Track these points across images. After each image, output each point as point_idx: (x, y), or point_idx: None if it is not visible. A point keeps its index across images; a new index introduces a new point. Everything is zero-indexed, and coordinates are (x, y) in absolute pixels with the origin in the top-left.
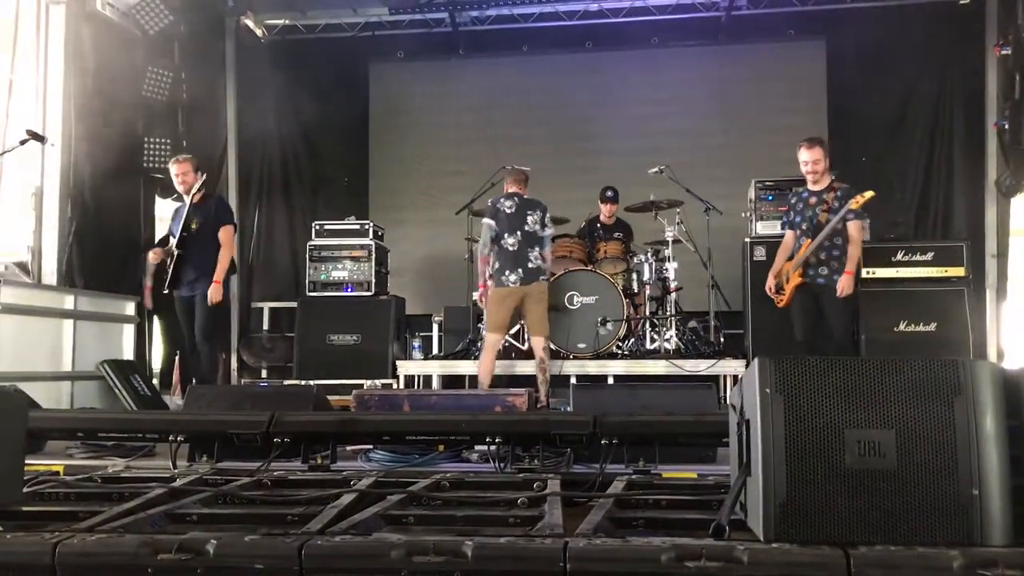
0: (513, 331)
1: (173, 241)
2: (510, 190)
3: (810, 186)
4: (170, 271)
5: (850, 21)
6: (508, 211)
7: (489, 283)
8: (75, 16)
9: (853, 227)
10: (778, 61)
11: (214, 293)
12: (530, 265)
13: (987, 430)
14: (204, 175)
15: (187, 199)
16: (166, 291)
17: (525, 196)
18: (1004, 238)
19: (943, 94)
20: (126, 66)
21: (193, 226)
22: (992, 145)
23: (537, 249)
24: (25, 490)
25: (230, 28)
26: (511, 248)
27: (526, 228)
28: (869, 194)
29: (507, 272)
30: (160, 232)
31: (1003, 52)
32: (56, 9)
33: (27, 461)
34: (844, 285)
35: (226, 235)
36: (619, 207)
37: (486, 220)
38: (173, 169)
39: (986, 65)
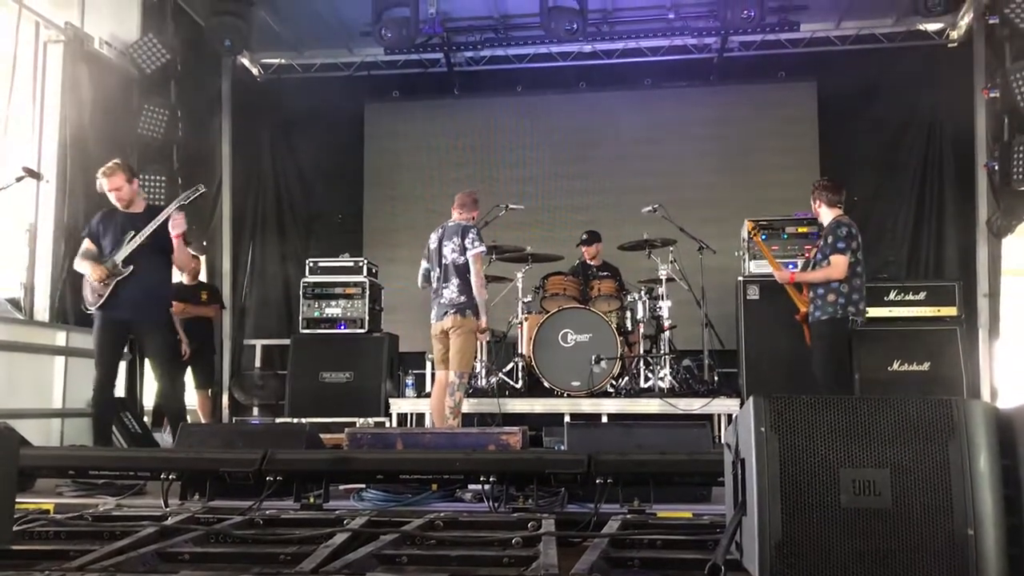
0: (507, 368)
1: (116, 256)
2: (453, 215)
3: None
4: (107, 289)
5: (841, 63)
6: (432, 246)
7: None
8: (72, 55)
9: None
10: (770, 102)
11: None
12: (442, 300)
13: (981, 469)
14: (201, 188)
15: (121, 208)
16: (90, 310)
17: (451, 223)
18: (996, 278)
19: (933, 135)
20: (122, 104)
21: (144, 242)
22: (983, 185)
23: (454, 281)
24: (15, 529)
25: (226, 67)
26: (434, 284)
27: (444, 261)
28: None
29: (432, 310)
30: None
31: (991, 95)
32: (54, 48)
33: (17, 499)
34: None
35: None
36: (602, 247)
37: (423, 262)
38: (104, 184)
39: (975, 107)
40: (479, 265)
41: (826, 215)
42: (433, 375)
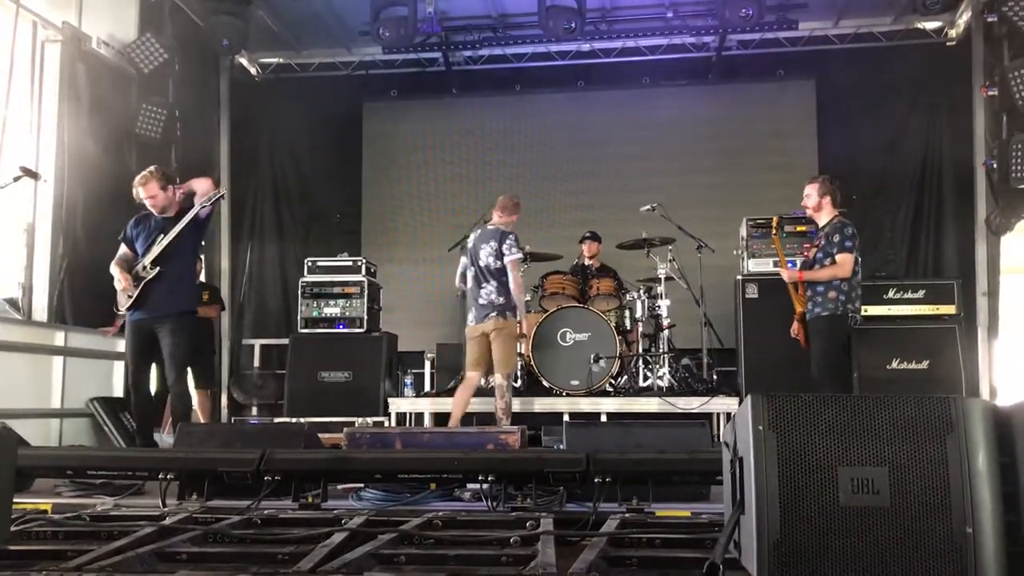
0: None
1: (146, 259)
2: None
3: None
4: (137, 291)
5: (839, 61)
6: (469, 245)
7: None
8: (70, 55)
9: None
10: (769, 101)
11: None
12: (480, 302)
13: (980, 467)
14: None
15: (158, 214)
16: (121, 312)
17: (489, 226)
18: (995, 276)
19: (932, 133)
20: (120, 104)
21: (177, 242)
22: (981, 184)
23: (492, 283)
24: (12, 529)
25: (224, 66)
26: (469, 287)
27: (479, 263)
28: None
29: (468, 312)
30: None
31: (990, 93)
32: (52, 47)
33: (15, 499)
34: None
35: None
36: (602, 248)
37: (462, 256)
38: (139, 193)
39: (974, 105)
40: (517, 271)
41: (828, 213)
42: (432, 375)
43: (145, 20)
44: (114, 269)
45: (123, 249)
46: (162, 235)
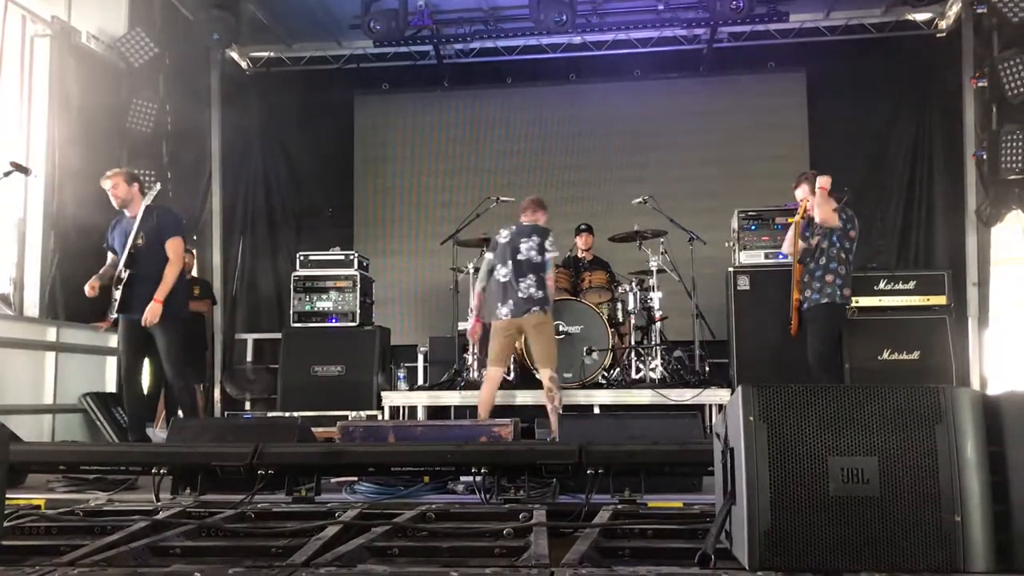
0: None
1: (119, 260)
2: (520, 218)
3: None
4: (119, 293)
5: (830, 53)
6: (503, 241)
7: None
8: (60, 49)
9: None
10: (760, 92)
11: (150, 313)
12: (520, 295)
13: (968, 456)
14: (156, 187)
15: (127, 213)
16: (114, 315)
17: (525, 223)
18: (985, 267)
19: (922, 125)
20: (110, 98)
21: (139, 242)
22: (971, 175)
23: (531, 277)
24: (5, 524)
25: (215, 60)
26: (502, 279)
27: (518, 257)
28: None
29: (499, 305)
30: None
31: (980, 84)
32: (41, 42)
33: (8, 495)
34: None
35: (173, 248)
36: (594, 241)
37: (486, 254)
38: (105, 185)
39: (964, 96)
40: (553, 268)
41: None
42: (425, 369)
43: (135, 14)
44: (94, 279)
45: (109, 255)
46: (131, 236)
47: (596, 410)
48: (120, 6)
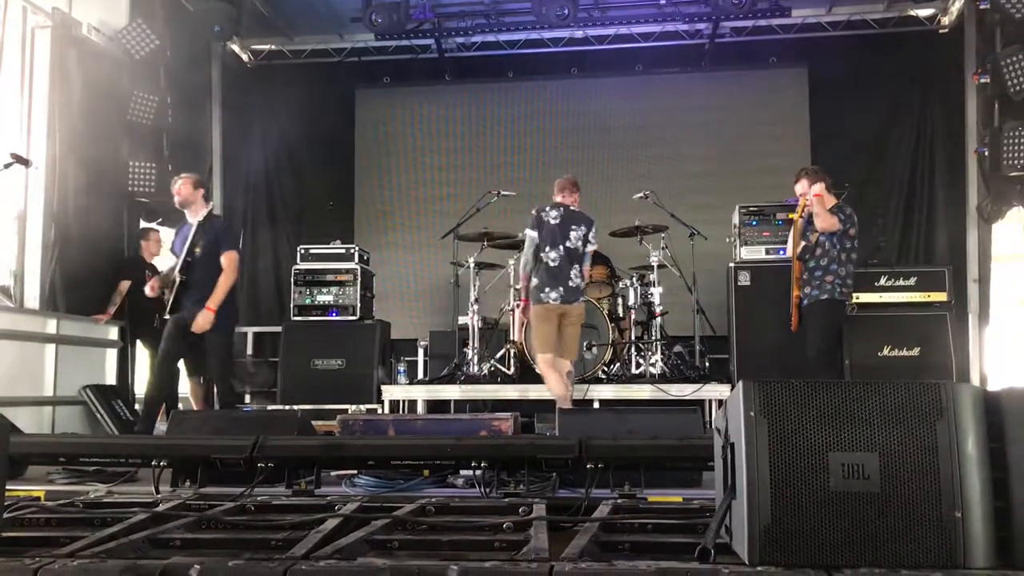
0: (499, 355)
1: (176, 265)
2: (556, 199)
3: None
4: (171, 297)
5: (832, 49)
6: (552, 222)
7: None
8: (61, 41)
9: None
10: (761, 88)
11: (202, 320)
12: (571, 283)
13: (969, 452)
14: (210, 202)
15: (190, 219)
16: (167, 317)
17: (573, 208)
18: (986, 263)
19: (924, 121)
20: (111, 90)
21: (197, 250)
22: (973, 171)
23: (577, 267)
24: (5, 516)
25: (216, 53)
26: (552, 263)
27: (568, 244)
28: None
29: (547, 289)
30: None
31: (982, 80)
32: (42, 33)
33: (8, 487)
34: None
35: (229, 261)
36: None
37: (528, 231)
38: (175, 184)
39: (966, 92)
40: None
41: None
42: (426, 363)
43: (136, 6)
44: (155, 279)
45: (171, 258)
46: (192, 244)
47: (596, 404)
48: None
